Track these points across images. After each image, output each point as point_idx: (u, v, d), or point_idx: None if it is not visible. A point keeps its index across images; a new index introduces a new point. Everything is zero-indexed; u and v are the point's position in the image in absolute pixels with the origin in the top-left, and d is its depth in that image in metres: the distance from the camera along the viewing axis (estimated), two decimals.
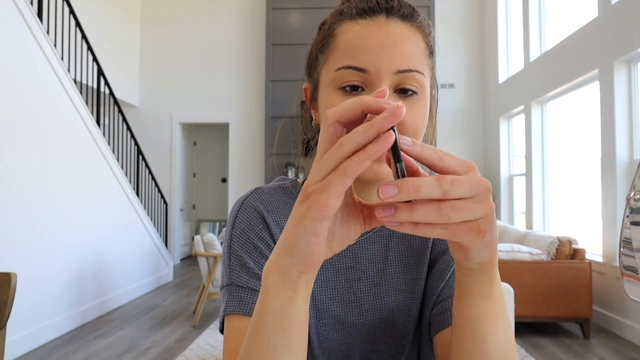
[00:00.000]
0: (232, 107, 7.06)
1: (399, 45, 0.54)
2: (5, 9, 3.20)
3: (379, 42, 0.54)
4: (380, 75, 0.54)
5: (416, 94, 0.56)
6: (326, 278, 0.62)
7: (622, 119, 3.67)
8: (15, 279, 1.08)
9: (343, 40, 0.56)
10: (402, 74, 0.54)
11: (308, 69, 0.65)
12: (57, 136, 3.70)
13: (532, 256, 3.64)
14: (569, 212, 4.95)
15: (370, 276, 0.63)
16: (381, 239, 0.64)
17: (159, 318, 4.15)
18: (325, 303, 0.61)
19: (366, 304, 0.62)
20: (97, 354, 3.24)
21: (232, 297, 0.59)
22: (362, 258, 0.63)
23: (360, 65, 0.54)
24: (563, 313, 3.49)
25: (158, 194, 6.19)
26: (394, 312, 0.62)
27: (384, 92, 0.37)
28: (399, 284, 0.63)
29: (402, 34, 0.55)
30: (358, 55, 0.54)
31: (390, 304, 0.62)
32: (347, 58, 0.55)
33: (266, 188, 0.68)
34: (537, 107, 5.21)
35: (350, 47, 0.55)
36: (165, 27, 7.14)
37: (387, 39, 0.54)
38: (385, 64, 0.53)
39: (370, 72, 0.54)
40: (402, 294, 0.63)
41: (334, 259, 0.63)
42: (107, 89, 4.83)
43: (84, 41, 4.40)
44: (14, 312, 2.97)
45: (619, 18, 3.64)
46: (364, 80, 0.55)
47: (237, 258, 0.61)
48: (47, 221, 3.51)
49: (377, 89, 0.53)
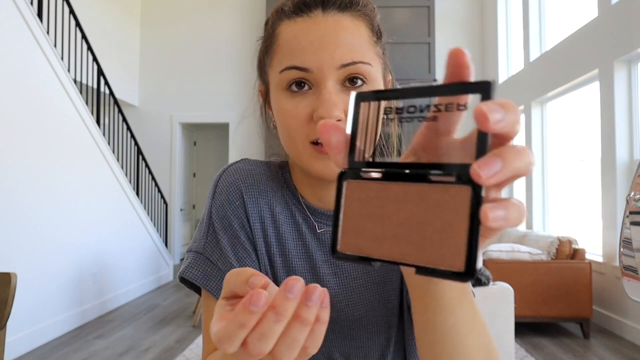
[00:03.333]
0: (232, 107, 7.06)
1: (338, 38, 0.53)
2: (5, 9, 3.20)
3: (317, 39, 0.53)
4: (323, 73, 0.52)
5: (365, 85, 0.54)
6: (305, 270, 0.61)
7: (622, 119, 3.67)
8: (15, 279, 1.08)
9: (284, 40, 0.55)
10: (346, 67, 0.53)
11: (259, 70, 0.64)
12: (57, 136, 3.69)
13: (532, 256, 3.64)
14: (569, 212, 4.95)
15: (347, 270, 0.61)
16: None
17: (159, 318, 4.15)
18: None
19: (344, 299, 0.60)
20: (97, 354, 3.24)
21: (198, 266, 0.60)
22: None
23: (302, 65, 0.53)
24: (563, 313, 3.49)
25: (158, 194, 6.19)
26: (372, 305, 0.61)
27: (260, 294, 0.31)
28: (374, 276, 0.61)
29: (341, 26, 0.53)
30: (298, 55, 0.53)
31: (367, 297, 0.61)
32: (288, 59, 0.54)
33: (253, 160, 0.67)
34: (537, 107, 5.21)
35: (290, 47, 0.54)
36: (165, 27, 7.14)
37: (325, 35, 0.53)
38: (326, 60, 0.52)
39: (313, 71, 0.53)
40: (378, 286, 0.61)
41: (310, 252, 0.61)
42: (107, 89, 4.83)
43: (84, 41, 4.40)
44: (14, 312, 2.96)
45: (619, 18, 3.64)
46: (308, 79, 0.53)
47: (214, 232, 0.61)
48: (47, 221, 3.51)
49: (322, 86, 0.52)
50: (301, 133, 0.54)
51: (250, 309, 0.29)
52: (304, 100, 0.54)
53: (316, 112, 0.52)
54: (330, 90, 0.52)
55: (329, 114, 0.51)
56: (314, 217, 0.62)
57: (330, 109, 0.51)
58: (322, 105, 0.52)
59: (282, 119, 0.56)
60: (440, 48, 6.81)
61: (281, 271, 0.61)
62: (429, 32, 6.60)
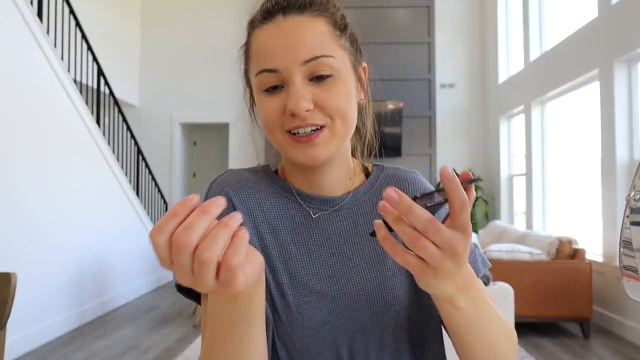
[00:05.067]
0: (232, 107, 7.05)
1: (298, 38, 0.58)
2: (5, 10, 3.20)
3: (280, 42, 0.59)
4: (290, 71, 0.58)
5: (331, 77, 0.59)
6: (301, 256, 0.64)
7: (622, 119, 3.67)
8: (15, 279, 1.08)
9: (255, 47, 0.62)
10: (309, 63, 0.58)
11: (244, 77, 0.69)
12: (57, 136, 3.70)
13: (532, 256, 3.64)
14: (569, 212, 4.95)
15: (343, 251, 0.65)
16: (350, 215, 0.67)
17: (159, 318, 4.15)
18: (302, 280, 0.63)
19: (342, 278, 0.63)
20: (97, 354, 3.24)
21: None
22: (333, 235, 0.65)
23: (271, 67, 0.59)
24: (563, 313, 3.49)
25: (158, 194, 6.19)
26: (370, 283, 0.63)
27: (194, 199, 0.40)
28: (368, 256, 0.65)
29: (300, 27, 0.59)
30: (268, 58, 0.59)
31: (364, 275, 0.64)
32: (260, 63, 0.60)
33: (237, 169, 0.71)
34: (537, 107, 5.21)
35: (260, 53, 0.60)
36: (165, 27, 7.14)
37: (287, 37, 0.58)
38: (291, 59, 0.58)
39: (281, 71, 0.58)
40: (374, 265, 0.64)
41: (305, 238, 0.65)
42: (107, 89, 4.83)
43: (84, 41, 4.40)
44: (14, 312, 2.95)
45: (619, 18, 3.64)
46: (279, 79, 0.59)
47: None
48: (47, 221, 3.51)
49: (290, 82, 0.58)
50: (278, 124, 0.60)
51: (183, 203, 0.38)
52: (278, 97, 0.60)
53: (287, 106, 0.58)
54: (298, 86, 0.58)
55: (297, 106, 0.57)
56: (306, 204, 0.66)
57: (299, 101, 0.57)
58: (290, 99, 0.58)
59: (263, 116, 0.62)
60: (440, 48, 6.81)
61: (278, 261, 0.64)
62: (429, 32, 6.60)
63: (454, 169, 0.38)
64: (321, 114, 0.59)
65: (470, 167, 6.65)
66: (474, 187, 0.51)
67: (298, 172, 0.67)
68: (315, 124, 0.59)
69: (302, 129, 0.58)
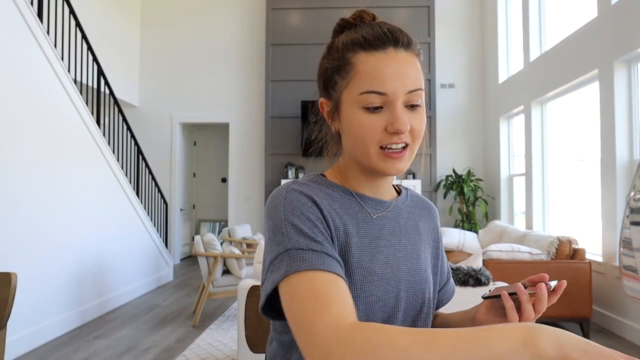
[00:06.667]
0: (232, 107, 7.06)
1: (407, 71, 0.72)
2: (5, 10, 3.20)
3: (393, 71, 0.71)
4: (396, 97, 0.71)
5: (419, 106, 0.73)
6: (364, 245, 0.77)
7: (622, 119, 3.67)
8: (15, 279, 1.08)
9: (363, 69, 0.72)
10: (411, 93, 0.72)
11: (324, 86, 0.78)
12: (57, 136, 3.70)
13: (532, 256, 3.64)
14: (569, 212, 4.95)
15: (392, 244, 0.80)
16: (395, 217, 0.83)
17: (159, 318, 4.15)
18: (365, 264, 0.76)
19: (394, 264, 0.79)
20: (97, 354, 3.24)
21: (293, 260, 0.65)
22: (385, 230, 0.81)
23: (381, 90, 0.70)
24: (563, 313, 3.49)
25: (158, 194, 6.19)
26: (416, 272, 0.81)
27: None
28: (409, 252, 0.82)
29: (408, 62, 0.72)
30: (378, 82, 0.70)
31: (409, 265, 0.81)
32: (368, 84, 0.71)
33: (299, 180, 0.80)
34: (537, 107, 5.21)
35: (371, 76, 0.71)
36: (165, 27, 7.14)
37: (398, 68, 0.71)
38: (399, 87, 0.71)
39: (388, 95, 0.71)
40: (413, 259, 0.82)
41: (367, 231, 0.78)
42: (107, 89, 4.83)
43: (84, 41, 4.40)
44: (14, 312, 2.96)
45: (618, 18, 3.64)
46: (383, 101, 0.71)
47: (293, 227, 0.69)
48: (47, 221, 3.51)
49: (394, 106, 0.71)
50: (374, 140, 0.72)
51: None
52: (379, 117, 0.72)
53: (391, 125, 0.71)
54: (400, 110, 0.71)
55: (402, 127, 0.70)
56: (367, 206, 0.80)
57: (405, 123, 0.71)
58: (397, 121, 0.70)
59: (358, 129, 0.73)
60: (440, 48, 6.81)
61: (347, 249, 0.76)
62: (429, 32, 6.60)
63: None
64: (409, 135, 0.72)
65: (470, 167, 6.66)
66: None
67: (365, 179, 0.80)
68: (405, 142, 0.72)
69: (396, 145, 0.72)
